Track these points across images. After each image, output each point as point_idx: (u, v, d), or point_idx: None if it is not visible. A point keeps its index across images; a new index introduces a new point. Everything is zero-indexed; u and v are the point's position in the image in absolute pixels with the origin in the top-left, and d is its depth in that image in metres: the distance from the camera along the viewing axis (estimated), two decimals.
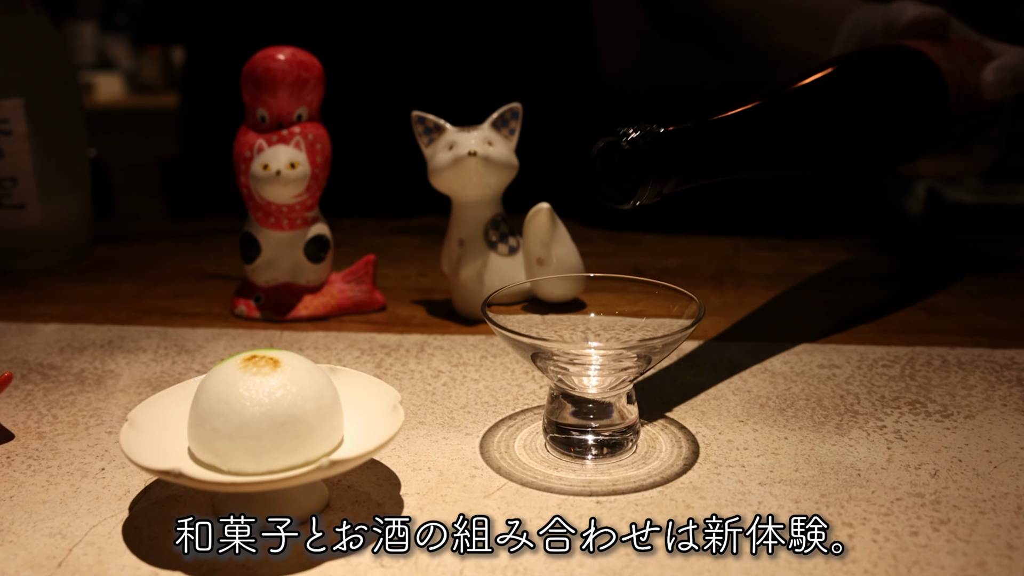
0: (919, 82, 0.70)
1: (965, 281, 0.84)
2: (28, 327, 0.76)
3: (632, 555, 0.45)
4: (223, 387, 0.46)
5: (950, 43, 0.76)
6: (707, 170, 0.56)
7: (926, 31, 0.77)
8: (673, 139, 0.53)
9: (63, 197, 0.94)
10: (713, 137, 0.56)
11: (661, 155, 0.53)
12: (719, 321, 0.75)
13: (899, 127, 0.69)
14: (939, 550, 0.45)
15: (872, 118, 0.66)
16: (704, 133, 0.56)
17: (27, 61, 0.90)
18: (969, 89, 0.73)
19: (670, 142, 0.53)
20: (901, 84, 0.69)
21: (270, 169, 0.72)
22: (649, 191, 0.53)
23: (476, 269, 0.74)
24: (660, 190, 0.54)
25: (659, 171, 0.53)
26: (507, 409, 0.60)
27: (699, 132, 0.55)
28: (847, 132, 0.64)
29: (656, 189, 0.53)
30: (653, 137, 0.53)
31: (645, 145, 0.53)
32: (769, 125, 0.59)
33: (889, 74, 0.68)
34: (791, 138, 0.61)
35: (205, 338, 0.73)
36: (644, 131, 0.53)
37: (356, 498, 0.50)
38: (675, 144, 0.53)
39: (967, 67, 0.73)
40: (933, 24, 0.77)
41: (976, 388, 0.63)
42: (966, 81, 0.72)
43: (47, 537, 0.47)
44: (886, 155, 0.69)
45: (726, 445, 0.55)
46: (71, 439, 0.58)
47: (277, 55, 0.72)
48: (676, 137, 0.54)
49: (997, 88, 0.74)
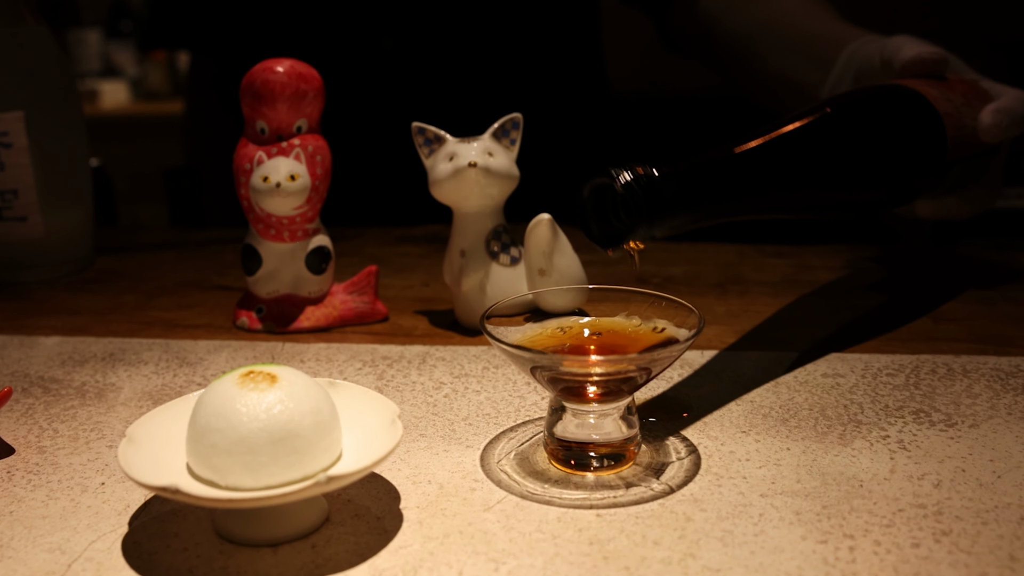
0: (917, 124, 0.68)
1: (971, 288, 0.84)
2: (30, 340, 0.76)
3: (631, 568, 0.45)
4: (220, 403, 0.46)
5: (947, 83, 0.74)
6: (700, 213, 0.56)
7: (924, 71, 0.76)
8: (666, 181, 0.53)
9: (65, 209, 0.94)
10: (707, 179, 0.55)
11: (654, 199, 0.52)
12: (723, 330, 0.75)
13: (896, 169, 0.67)
14: (940, 561, 0.45)
15: (868, 160, 0.64)
16: (697, 175, 0.55)
17: (27, 73, 0.90)
18: (966, 131, 0.72)
19: (663, 185, 0.53)
20: (898, 126, 0.67)
21: (270, 181, 0.72)
22: (641, 234, 0.53)
23: (478, 280, 0.74)
24: (652, 234, 0.53)
25: (652, 215, 0.53)
26: (508, 421, 0.60)
27: (692, 173, 0.54)
28: (842, 175, 0.63)
29: (648, 233, 0.53)
30: (646, 179, 0.52)
31: (638, 189, 0.52)
32: (763, 167, 0.58)
33: (886, 115, 0.67)
34: (785, 180, 0.60)
35: (207, 350, 0.73)
36: (637, 173, 0.52)
37: (356, 512, 0.50)
38: (668, 187, 0.53)
39: (964, 108, 0.72)
40: (931, 65, 0.76)
41: (981, 396, 0.62)
42: (963, 123, 0.71)
43: (46, 552, 0.47)
44: (882, 197, 0.67)
45: (728, 456, 0.55)
46: (71, 453, 0.57)
47: (276, 67, 0.72)
48: (669, 179, 0.53)
49: (995, 131, 0.73)
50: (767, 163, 0.58)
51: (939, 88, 0.72)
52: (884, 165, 0.65)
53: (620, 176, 0.52)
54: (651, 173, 0.53)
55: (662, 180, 0.53)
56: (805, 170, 0.60)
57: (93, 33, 3.09)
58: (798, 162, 0.60)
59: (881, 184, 0.66)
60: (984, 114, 0.73)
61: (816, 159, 0.61)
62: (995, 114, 0.73)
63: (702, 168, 0.55)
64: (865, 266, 0.92)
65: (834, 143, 0.62)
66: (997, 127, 0.73)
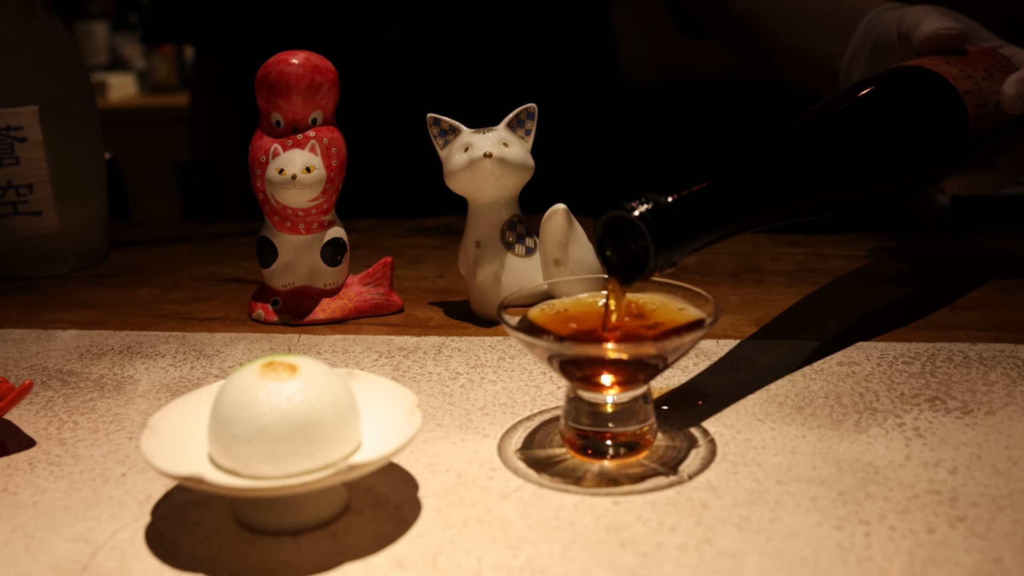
0: (936, 108, 0.67)
1: (989, 276, 0.84)
2: (47, 334, 0.77)
3: (648, 554, 0.45)
4: (242, 393, 0.46)
5: (967, 57, 0.73)
6: (720, 232, 0.54)
7: (943, 47, 0.74)
8: (681, 206, 0.52)
9: (79, 203, 0.94)
10: (723, 197, 0.54)
11: (670, 226, 0.51)
12: (738, 319, 0.75)
13: (916, 158, 0.66)
14: (956, 547, 0.45)
15: (887, 153, 0.63)
16: (713, 195, 0.53)
17: (41, 68, 0.90)
18: (989, 106, 0.70)
19: (678, 210, 0.51)
20: (917, 112, 0.66)
21: (286, 174, 0.72)
22: (661, 263, 0.51)
23: (493, 270, 0.74)
24: (671, 261, 0.52)
25: (669, 243, 0.51)
26: (524, 411, 0.61)
27: (707, 194, 0.53)
28: (860, 171, 0.61)
29: (667, 261, 0.52)
30: (660, 208, 0.51)
31: (653, 218, 0.51)
32: (781, 172, 0.57)
33: (904, 102, 0.65)
34: (801, 183, 0.58)
35: (223, 343, 0.74)
36: (651, 202, 0.51)
37: (375, 501, 0.50)
38: (684, 211, 0.52)
39: (986, 83, 0.70)
40: (950, 41, 0.74)
41: (997, 384, 0.62)
42: (986, 98, 0.70)
43: (71, 542, 0.48)
44: (905, 185, 0.66)
45: (743, 444, 0.55)
46: (92, 445, 0.58)
47: (291, 59, 0.72)
48: (684, 204, 0.52)
49: (1019, 102, 0.71)
50: (784, 170, 0.57)
51: (958, 65, 0.70)
52: (904, 155, 0.64)
53: (634, 207, 0.51)
54: (665, 200, 0.51)
55: (677, 205, 0.52)
56: (821, 171, 0.59)
57: (100, 25, 3.08)
58: (814, 164, 0.59)
59: (902, 175, 0.65)
60: (1007, 85, 0.71)
61: (832, 158, 0.60)
62: (1018, 85, 0.71)
63: (717, 188, 0.54)
64: (881, 255, 0.92)
65: (850, 139, 0.61)
66: (1021, 98, 0.71)
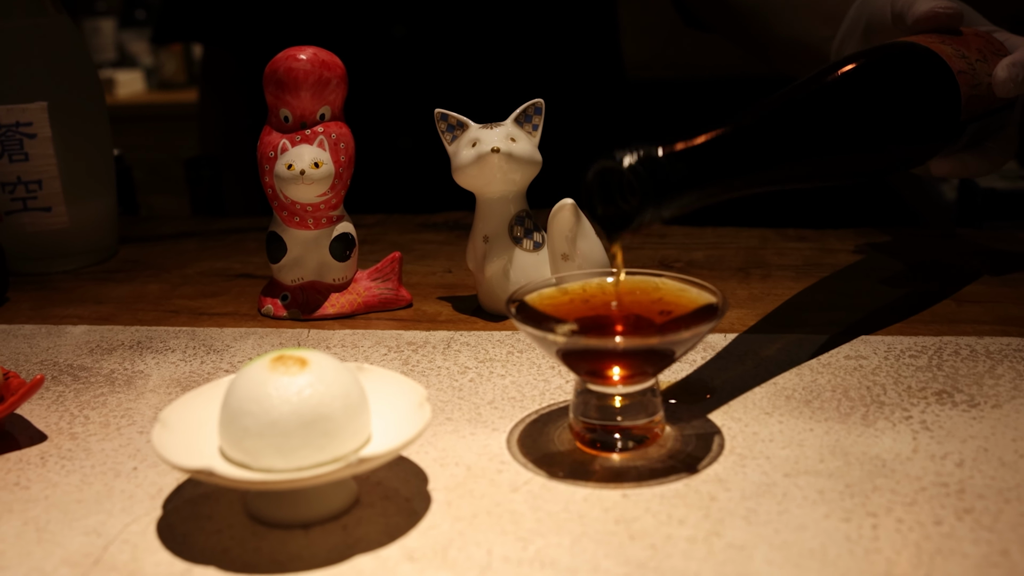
0: (929, 84, 0.67)
1: (995, 270, 0.84)
2: (57, 329, 0.77)
3: (657, 546, 0.45)
4: (252, 387, 0.47)
5: (962, 38, 0.72)
6: (709, 190, 0.54)
7: (938, 26, 0.74)
8: (672, 161, 0.51)
9: (89, 199, 0.95)
10: (714, 155, 0.54)
11: (660, 179, 0.51)
12: (745, 313, 0.75)
13: (908, 132, 0.66)
14: (962, 539, 0.45)
15: (879, 124, 0.63)
16: (705, 151, 0.53)
17: (50, 64, 0.91)
18: (981, 88, 0.70)
19: (669, 165, 0.51)
20: (909, 87, 0.66)
21: (294, 169, 0.72)
22: (649, 217, 0.51)
23: (501, 265, 0.74)
24: (660, 215, 0.52)
25: (659, 196, 0.51)
26: (533, 404, 0.61)
27: (699, 150, 0.53)
28: (851, 141, 0.61)
29: (656, 215, 0.52)
30: (651, 160, 0.51)
31: (643, 170, 0.51)
32: (771, 138, 0.57)
33: (898, 77, 0.65)
34: (793, 150, 0.58)
35: (233, 337, 0.74)
36: (641, 154, 0.51)
37: (385, 494, 0.51)
38: (674, 166, 0.51)
39: (979, 64, 0.70)
40: (945, 19, 0.73)
41: (1004, 377, 0.62)
42: (978, 80, 0.70)
43: (83, 535, 0.48)
44: (895, 161, 0.66)
45: (751, 437, 0.55)
46: (103, 439, 0.58)
47: (299, 55, 0.72)
48: (675, 159, 0.52)
49: (1010, 85, 0.71)
50: (775, 134, 0.57)
51: (953, 44, 0.70)
52: (896, 128, 0.64)
53: (625, 158, 0.51)
54: (656, 153, 0.51)
55: (668, 159, 0.51)
56: (813, 138, 0.59)
57: (108, 22, 3.08)
58: (806, 131, 0.59)
59: (893, 147, 0.65)
60: (999, 68, 0.71)
61: (824, 126, 0.60)
62: (1011, 68, 0.71)
63: (709, 144, 0.54)
64: (888, 249, 0.92)
65: (842, 109, 0.61)
66: (1012, 81, 0.71)
